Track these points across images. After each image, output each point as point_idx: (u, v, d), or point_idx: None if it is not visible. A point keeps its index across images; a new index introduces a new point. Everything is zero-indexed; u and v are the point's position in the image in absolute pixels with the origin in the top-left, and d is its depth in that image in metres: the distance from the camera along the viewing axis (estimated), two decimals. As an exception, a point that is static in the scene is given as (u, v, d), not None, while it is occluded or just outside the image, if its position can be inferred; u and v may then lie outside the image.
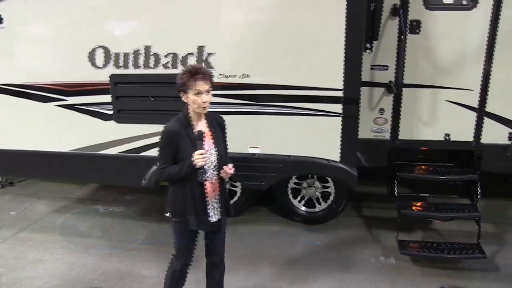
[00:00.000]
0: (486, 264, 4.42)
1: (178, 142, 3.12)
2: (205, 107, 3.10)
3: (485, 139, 4.66)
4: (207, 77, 3.08)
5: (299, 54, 4.11)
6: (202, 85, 3.04)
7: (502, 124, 4.61)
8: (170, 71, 4.30)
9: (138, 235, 5.07)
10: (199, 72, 3.06)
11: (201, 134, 3.12)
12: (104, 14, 4.33)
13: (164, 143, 3.17)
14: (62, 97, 4.63)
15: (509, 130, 4.62)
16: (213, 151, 3.21)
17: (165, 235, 4.97)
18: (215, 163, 3.21)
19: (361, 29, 4.04)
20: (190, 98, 3.09)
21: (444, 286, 4.00)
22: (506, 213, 5.48)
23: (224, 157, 3.28)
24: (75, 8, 4.35)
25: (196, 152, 3.05)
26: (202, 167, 3.09)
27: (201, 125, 3.22)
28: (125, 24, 4.38)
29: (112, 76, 4.43)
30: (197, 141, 3.11)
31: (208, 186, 3.23)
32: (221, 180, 3.29)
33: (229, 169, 3.21)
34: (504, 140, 4.63)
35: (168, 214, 3.36)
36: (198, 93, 3.05)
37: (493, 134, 4.61)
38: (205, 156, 3.07)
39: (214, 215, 3.30)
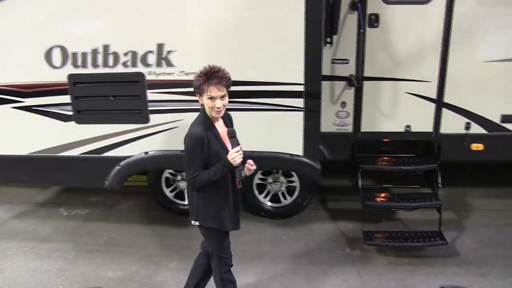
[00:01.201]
0: (448, 250, 4.56)
1: (208, 145, 3.03)
2: (218, 112, 3.02)
3: (444, 129, 4.80)
4: (223, 81, 2.97)
5: (260, 50, 4.10)
6: (216, 91, 2.95)
7: (459, 114, 4.75)
8: (130, 69, 4.23)
9: (103, 237, 4.98)
10: (214, 76, 2.96)
11: (233, 132, 3.07)
12: (60, 12, 4.21)
13: (193, 149, 3.04)
14: (18, 98, 4.47)
15: (466, 120, 4.76)
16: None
17: (132, 236, 4.94)
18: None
19: (320, 24, 4.06)
20: (204, 101, 3.02)
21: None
22: (465, 200, 5.65)
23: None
24: (30, 7, 4.23)
25: (232, 151, 3.00)
26: (240, 164, 3.03)
27: (220, 124, 3.18)
28: (82, 22, 4.26)
29: (71, 76, 4.31)
30: (231, 139, 3.06)
31: (237, 182, 3.24)
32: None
33: (251, 165, 3.18)
34: (462, 130, 4.78)
35: (195, 223, 3.27)
36: (211, 98, 2.97)
37: (451, 124, 4.75)
38: (241, 153, 3.02)
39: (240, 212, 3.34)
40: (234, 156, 2.98)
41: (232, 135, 3.06)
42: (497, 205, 5.49)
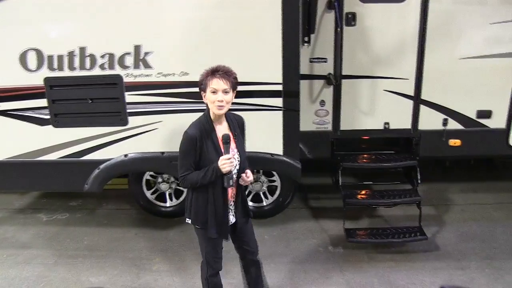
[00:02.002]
0: (428, 245, 4.63)
1: (201, 147, 2.99)
2: (220, 106, 2.95)
3: (422, 125, 4.86)
4: (227, 76, 2.94)
5: (237, 50, 4.10)
6: (218, 83, 2.91)
7: (436, 110, 4.82)
8: (108, 72, 4.19)
9: (84, 241, 4.92)
10: (218, 70, 2.96)
11: (227, 138, 2.97)
12: (35, 14, 4.15)
13: (185, 148, 3.02)
14: (-7, 103, 4.42)
15: (443, 116, 4.83)
16: (236, 155, 3.10)
17: (113, 240, 4.89)
18: (237, 167, 3.11)
19: (298, 23, 4.08)
20: (207, 97, 2.98)
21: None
22: (444, 195, 5.73)
23: (244, 161, 3.17)
24: (3, 9, 4.15)
25: (222, 157, 2.93)
26: (229, 172, 2.96)
27: (223, 128, 3.10)
28: (58, 25, 4.20)
29: (47, 79, 4.25)
30: (224, 145, 2.98)
31: (229, 191, 3.15)
32: (239, 183, 3.20)
33: (247, 177, 3.11)
34: (439, 126, 4.84)
35: (188, 221, 3.25)
36: (214, 92, 2.93)
37: (429, 120, 4.82)
38: (232, 161, 2.95)
39: (232, 218, 3.25)
40: (224, 163, 2.92)
41: (225, 141, 2.97)
42: (475, 199, 5.59)
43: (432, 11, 4.50)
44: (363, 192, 4.87)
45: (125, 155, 4.47)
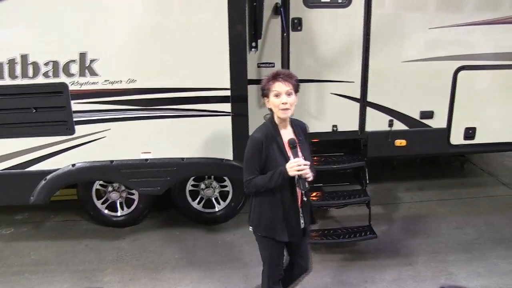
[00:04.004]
0: (378, 243, 4.75)
1: (267, 151, 2.98)
2: (284, 110, 2.94)
3: (369, 127, 5.00)
4: (288, 78, 2.94)
5: (185, 56, 4.10)
6: (281, 86, 2.91)
7: (382, 112, 4.97)
8: (52, 80, 4.08)
9: (31, 256, 4.72)
10: (280, 74, 2.96)
11: (294, 142, 2.98)
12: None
13: (251, 152, 3.00)
14: None
15: (389, 117, 4.99)
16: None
17: (62, 253, 4.74)
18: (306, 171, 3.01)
19: (244, 29, 4.13)
20: (270, 102, 2.96)
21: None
22: (392, 194, 5.92)
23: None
24: None
25: (292, 160, 2.89)
26: (299, 176, 2.91)
27: (288, 132, 3.08)
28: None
29: (-14, 89, 4.09)
30: (291, 149, 2.98)
31: (299, 194, 3.11)
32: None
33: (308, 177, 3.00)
34: (385, 127, 5.00)
35: (250, 229, 3.22)
36: (277, 95, 2.92)
37: (375, 122, 4.96)
38: (300, 164, 2.89)
39: (302, 223, 3.20)
40: (292, 165, 2.88)
41: (292, 145, 2.98)
42: (421, 196, 5.80)
43: (375, 16, 4.66)
44: (314, 193, 4.93)
45: (73, 165, 4.35)
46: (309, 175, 2.92)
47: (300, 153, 3.04)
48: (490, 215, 5.31)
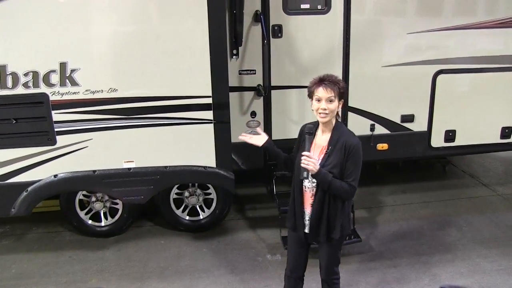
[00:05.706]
0: (363, 246, 4.79)
1: (300, 141, 3.23)
2: (323, 115, 3.01)
3: (351, 132, 5.03)
4: (333, 85, 2.98)
5: (166, 65, 4.10)
6: (323, 92, 2.97)
7: (364, 116, 5.03)
8: (32, 90, 4.03)
9: (12, 269, 4.63)
10: (325, 79, 3.02)
11: (310, 129, 3.12)
12: None
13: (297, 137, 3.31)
14: None
15: (370, 122, 5.05)
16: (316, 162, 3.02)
17: (45, 265, 4.68)
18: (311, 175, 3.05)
19: (225, 36, 4.16)
20: (313, 105, 3.07)
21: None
22: (376, 198, 5.97)
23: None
24: None
25: (304, 152, 2.99)
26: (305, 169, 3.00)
27: (324, 137, 3.14)
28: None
29: (-36, 100, 4.04)
30: (306, 136, 3.12)
31: (306, 193, 3.19)
32: (325, 200, 3.11)
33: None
34: (367, 131, 5.06)
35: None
36: (319, 100, 3.00)
37: (357, 126, 4.97)
38: (307, 159, 2.94)
39: (306, 227, 3.23)
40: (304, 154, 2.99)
41: (309, 133, 3.13)
42: (404, 200, 5.87)
43: (355, 22, 4.73)
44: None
45: (55, 176, 4.31)
46: (311, 168, 2.97)
47: (312, 149, 3.11)
48: (472, 216, 5.40)
